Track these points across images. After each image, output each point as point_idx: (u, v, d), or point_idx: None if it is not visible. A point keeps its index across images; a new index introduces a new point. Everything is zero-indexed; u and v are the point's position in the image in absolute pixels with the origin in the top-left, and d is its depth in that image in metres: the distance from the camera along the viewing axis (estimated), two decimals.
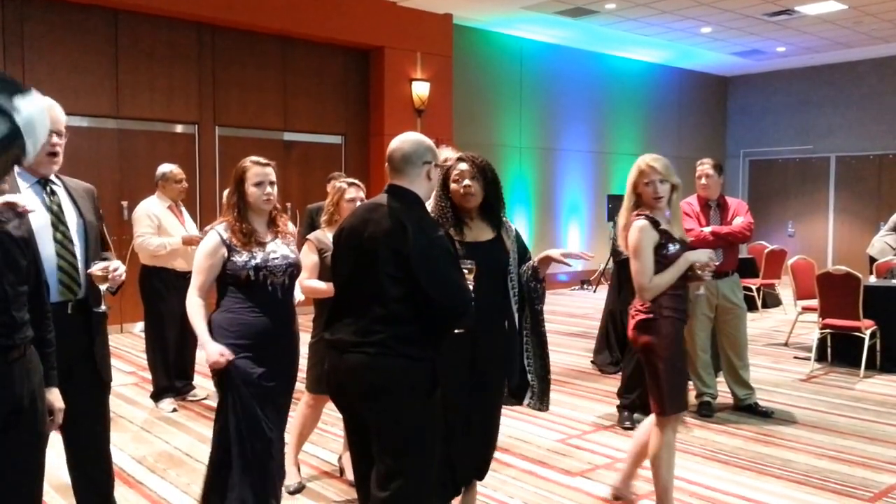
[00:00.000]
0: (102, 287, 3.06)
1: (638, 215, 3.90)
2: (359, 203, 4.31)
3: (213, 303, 3.59)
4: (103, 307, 3.12)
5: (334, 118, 11.58)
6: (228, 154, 10.11)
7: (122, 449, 5.26)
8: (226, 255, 3.41)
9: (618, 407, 5.93)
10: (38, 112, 2.14)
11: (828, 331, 7.66)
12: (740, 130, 17.60)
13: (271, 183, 3.51)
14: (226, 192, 3.68)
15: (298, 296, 3.70)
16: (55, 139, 3.08)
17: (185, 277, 3.61)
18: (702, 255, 3.86)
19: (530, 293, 3.64)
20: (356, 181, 4.50)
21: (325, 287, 4.20)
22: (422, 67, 11.89)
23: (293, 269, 3.54)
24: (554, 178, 14.45)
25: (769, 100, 17.02)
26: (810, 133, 16.31)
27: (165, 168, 6.31)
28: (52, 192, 3.12)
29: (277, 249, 3.49)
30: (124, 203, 9.31)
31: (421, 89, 11.81)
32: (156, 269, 6.07)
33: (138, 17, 9.68)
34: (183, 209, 6.36)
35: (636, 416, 5.87)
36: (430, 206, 3.42)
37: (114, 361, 7.59)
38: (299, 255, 3.63)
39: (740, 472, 4.83)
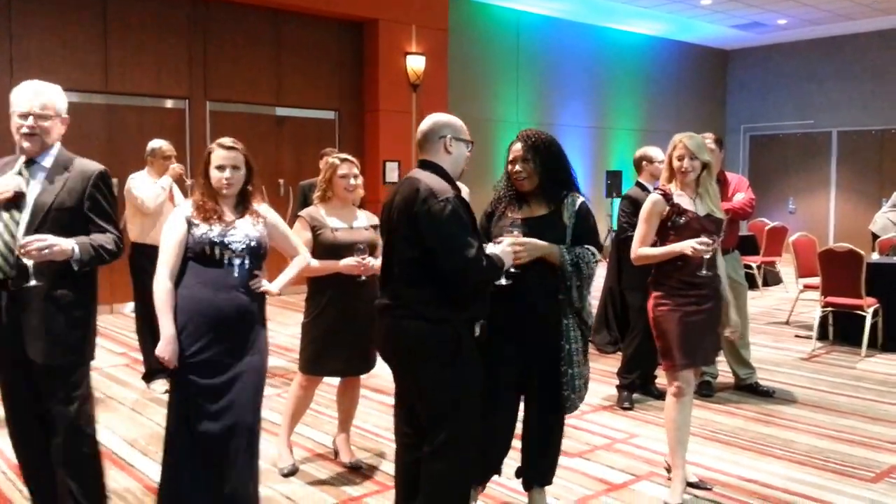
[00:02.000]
0: (28, 262, 3.02)
1: (656, 188, 4.19)
2: (352, 179, 4.32)
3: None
4: (32, 282, 3.04)
5: (328, 93, 11.41)
6: (220, 129, 9.77)
7: (114, 430, 5.22)
8: (186, 229, 3.33)
9: (617, 387, 5.85)
10: None
11: (829, 309, 7.57)
12: (740, 105, 17.44)
13: (234, 167, 3.40)
14: None
15: (271, 286, 3.49)
16: (29, 121, 3.17)
17: None
18: (686, 248, 3.89)
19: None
20: (349, 157, 4.41)
21: (318, 265, 4.15)
22: (417, 41, 11.70)
23: (255, 248, 3.40)
24: None
25: (770, 73, 16.83)
26: (811, 107, 16.15)
27: (155, 144, 6.20)
28: (19, 173, 3.20)
29: (239, 226, 3.38)
30: (114, 180, 9.14)
31: (416, 63, 11.63)
32: (146, 246, 5.93)
33: None
34: (174, 185, 6.24)
35: (635, 396, 5.80)
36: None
37: (104, 342, 7.64)
38: (265, 235, 3.49)
39: (741, 453, 4.78)
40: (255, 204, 3.51)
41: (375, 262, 4.11)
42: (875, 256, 8.18)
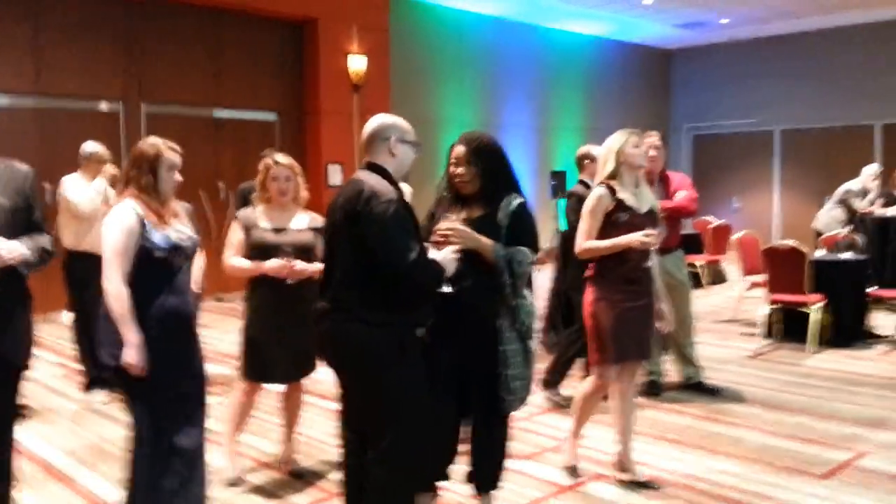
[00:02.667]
0: None
1: (601, 183, 4.12)
2: (283, 181, 4.24)
3: None
4: None
5: (268, 94, 11.21)
6: (156, 132, 9.02)
7: (51, 442, 5.06)
8: (140, 231, 3.23)
9: (545, 383, 5.78)
10: None
11: (775, 306, 7.60)
12: (684, 104, 17.60)
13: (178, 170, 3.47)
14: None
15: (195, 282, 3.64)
16: None
17: None
18: (633, 241, 3.97)
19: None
20: (282, 158, 4.29)
21: (249, 265, 4.12)
22: (358, 41, 11.55)
23: (195, 249, 3.49)
24: None
25: (713, 73, 17.02)
26: (754, 106, 16.33)
27: (90, 147, 5.96)
28: None
29: (182, 230, 3.40)
30: (46, 185, 8.86)
31: (357, 64, 11.48)
32: (81, 253, 5.71)
33: None
34: (109, 190, 5.93)
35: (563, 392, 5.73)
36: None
37: (39, 352, 7.31)
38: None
39: (690, 452, 4.76)
40: (173, 203, 3.53)
41: (305, 266, 4.08)
42: (819, 253, 8.25)
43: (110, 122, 9.82)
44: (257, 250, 4.12)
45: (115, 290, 3.15)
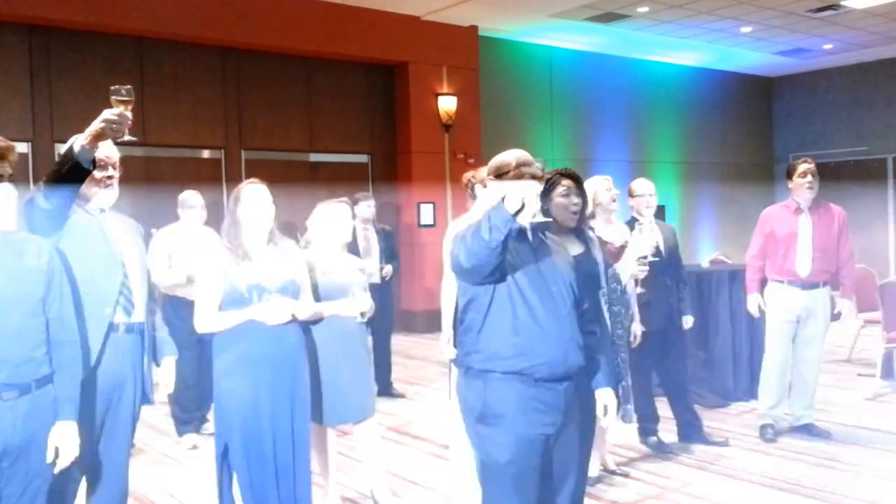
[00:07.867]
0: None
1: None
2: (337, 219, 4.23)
3: None
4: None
5: (360, 137, 11.40)
6: (256, 178, 9.85)
7: (154, 481, 5.14)
8: (222, 274, 3.52)
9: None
10: None
11: (894, 345, 7.16)
12: (788, 133, 16.99)
13: (267, 200, 3.63)
14: None
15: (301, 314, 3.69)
16: (110, 171, 3.32)
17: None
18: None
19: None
20: (345, 200, 4.37)
21: (318, 308, 4.04)
22: (448, 81, 11.64)
23: (289, 285, 3.59)
24: None
25: (818, 100, 16.37)
26: (864, 133, 15.61)
27: (183, 195, 6.28)
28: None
29: (273, 266, 3.57)
30: (154, 231, 9.19)
31: (448, 104, 11.55)
32: (172, 297, 5.87)
33: (162, 44, 9.64)
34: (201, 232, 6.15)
35: (695, 445, 5.50)
36: None
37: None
38: (300, 272, 3.73)
39: (803, 501, 4.47)
40: (282, 240, 3.72)
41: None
42: None
43: (213, 169, 10.16)
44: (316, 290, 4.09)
45: (203, 326, 3.57)
